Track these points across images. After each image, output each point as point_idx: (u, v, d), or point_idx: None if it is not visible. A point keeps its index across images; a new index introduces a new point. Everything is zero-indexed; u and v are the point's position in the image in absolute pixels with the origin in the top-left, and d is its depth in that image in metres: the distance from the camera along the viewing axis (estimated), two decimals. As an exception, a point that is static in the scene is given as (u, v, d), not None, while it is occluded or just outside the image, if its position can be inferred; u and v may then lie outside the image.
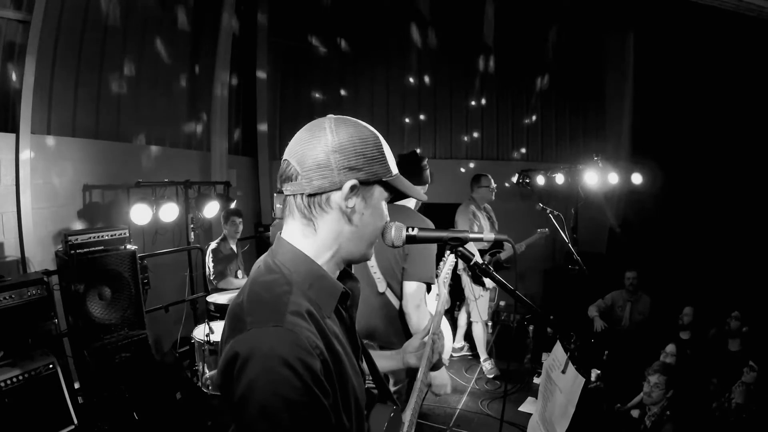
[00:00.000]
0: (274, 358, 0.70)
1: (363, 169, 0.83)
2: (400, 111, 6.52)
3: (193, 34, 4.90)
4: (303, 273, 0.83)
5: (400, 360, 1.36)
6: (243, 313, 0.77)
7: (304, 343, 0.72)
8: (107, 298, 3.00)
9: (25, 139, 3.26)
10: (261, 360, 0.70)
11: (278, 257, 0.85)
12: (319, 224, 0.85)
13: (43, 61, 3.36)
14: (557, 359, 2.18)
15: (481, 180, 4.24)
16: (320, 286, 0.84)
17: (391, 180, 0.87)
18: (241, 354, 0.71)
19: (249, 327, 0.74)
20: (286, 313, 0.75)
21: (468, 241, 1.09)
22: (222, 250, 4.14)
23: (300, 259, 0.84)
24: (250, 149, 6.22)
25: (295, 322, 0.75)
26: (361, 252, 0.90)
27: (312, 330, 0.76)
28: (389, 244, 1.01)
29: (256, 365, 0.70)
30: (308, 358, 0.71)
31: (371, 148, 0.84)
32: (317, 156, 0.82)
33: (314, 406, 0.71)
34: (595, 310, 4.39)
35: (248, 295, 0.81)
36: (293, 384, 0.69)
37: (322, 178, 0.82)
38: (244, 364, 0.70)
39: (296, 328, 0.74)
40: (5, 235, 3.21)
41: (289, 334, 0.72)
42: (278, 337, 0.72)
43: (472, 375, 4.09)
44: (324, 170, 0.81)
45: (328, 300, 0.86)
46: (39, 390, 2.47)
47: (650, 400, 2.86)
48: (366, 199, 0.86)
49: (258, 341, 0.72)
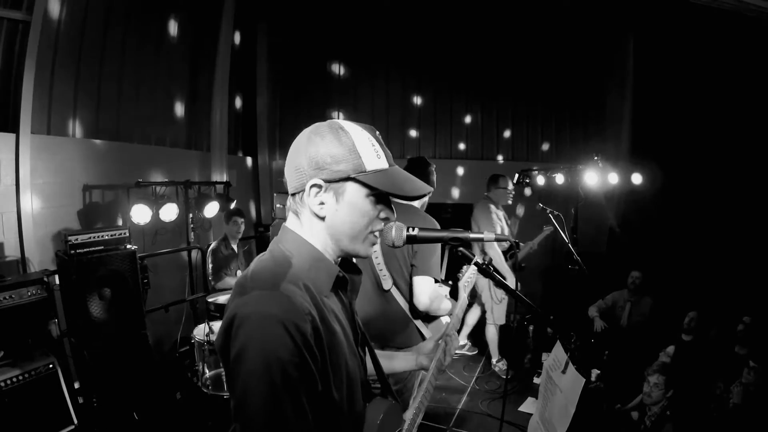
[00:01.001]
0: (268, 318, 0.76)
1: (327, 168, 0.88)
2: (400, 111, 6.51)
3: (193, 33, 4.90)
4: (303, 255, 0.91)
5: (413, 361, 1.37)
6: (246, 282, 0.85)
7: (297, 307, 0.79)
8: (107, 298, 3.00)
9: (25, 139, 3.25)
10: (256, 320, 0.77)
11: (282, 243, 0.94)
12: (302, 219, 0.94)
13: (43, 61, 3.36)
14: (557, 359, 2.18)
15: (498, 180, 4.14)
16: (318, 267, 0.91)
17: (362, 176, 0.88)
18: (239, 314, 0.78)
19: (248, 291, 0.82)
20: (283, 281, 0.83)
21: (468, 241, 1.09)
22: (222, 250, 4.14)
23: (301, 244, 0.92)
24: (250, 149, 6.22)
25: (291, 289, 0.82)
26: (347, 246, 0.94)
27: (306, 299, 0.83)
28: (389, 244, 1.01)
29: (252, 324, 0.76)
30: (300, 321, 0.77)
31: (340, 149, 0.88)
32: (295, 161, 0.91)
33: (303, 366, 0.77)
34: (595, 310, 4.39)
35: (252, 269, 0.90)
36: (285, 343, 0.75)
37: (297, 180, 0.91)
38: (241, 323, 0.77)
39: (291, 294, 0.81)
40: (5, 235, 3.21)
41: (283, 297, 0.80)
42: (273, 300, 0.79)
43: (472, 375, 4.09)
44: (298, 172, 0.90)
45: (326, 280, 0.92)
46: (39, 390, 2.46)
47: (650, 400, 2.86)
48: (337, 196, 0.89)
49: (255, 303, 0.79)
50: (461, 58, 6.33)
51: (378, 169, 0.90)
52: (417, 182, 0.95)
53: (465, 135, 6.60)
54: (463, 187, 6.51)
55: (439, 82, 6.42)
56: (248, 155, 6.19)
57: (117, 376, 2.99)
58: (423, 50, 6.27)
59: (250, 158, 6.24)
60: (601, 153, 5.17)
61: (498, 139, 6.65)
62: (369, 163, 0.89)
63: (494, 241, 1.10)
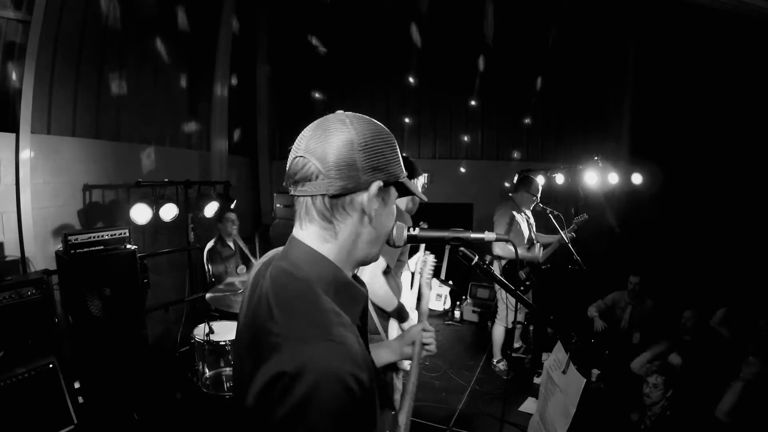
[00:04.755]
0: (328, 374, 0.64)
1: (385, 170, 0.80)
2: (399, 111, 6.52)
3: (193, 33, 4.89)
4: (328, 279, 0.78)
5: (398, 350, 1.38)
6: (274, 326, 0.71)
7: (355, 356, 0.68)
8: (107, 298, 3.00)
9: (25, 139, 3.25)
10: (314, 376, 0.64)
11: (297, 262, 0.79)
12: (341, 226, 0.80)
13: (43, 61, 3.36)
14: (558, 359, 2.19)
15: (531, 185, 3.95)
16: (346, 294, 0.80)
17: (405, 181, 0.86)
18: (289, 372, 0.65)
19: (290, 342, 0.68)
20: (332, 325, 0.70)
21: (469, 241, 1.09)
22: (219, 250, 4.10)
23: (324, 265, 0.80)
24: (250, 149, 6.21)
25: (344, 334, 0.70)
26: (374, 254, 0.88)
27: (359, 341, 0.72)
28: (391, 244, 1.01)
29: (309, 382, 0.63)
30: (360, 373, 0.67)
31: (390, 148, 0.82)
32: (341, 154, 0.76)
33: (367, 422, 0.68)
34: (595, 310, 4.38)
35: (277, 304, 0.74)
36: (348, 402, 0.64)
37: (347, 179, 0.76)
38: (294, 381, 0.64)
39: (347, 341, 0.69)
40: (5, 235, 3.21)
41: (340, 348, 0.68)
42: (330, 352, 0.67)
43: (472, 375, 4.09)
44: (349, 170, 0.76)
45: (355, 308, 0.82)
46: (39, 389, 2.46)
47: (650, 401, 2.86)
48: (385, 200, 0.84)
49: (308, 357, 0.65)
50: (461, 58, 6.34)
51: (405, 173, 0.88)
52: None
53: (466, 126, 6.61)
54: (462, 187, 6.52)
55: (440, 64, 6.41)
56: (248, 155, 6.19)
57: (117, 375, 2.99)
58: (422, 35, 6.27)
59: (250, 158, 6.24)
60: (601, 153, 5.18)
61: (499, 139, 6.66)
62: (404, 167, 0.87)
63: (495, 241, 1.10)
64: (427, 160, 6.61)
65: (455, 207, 6.39)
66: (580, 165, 5.11)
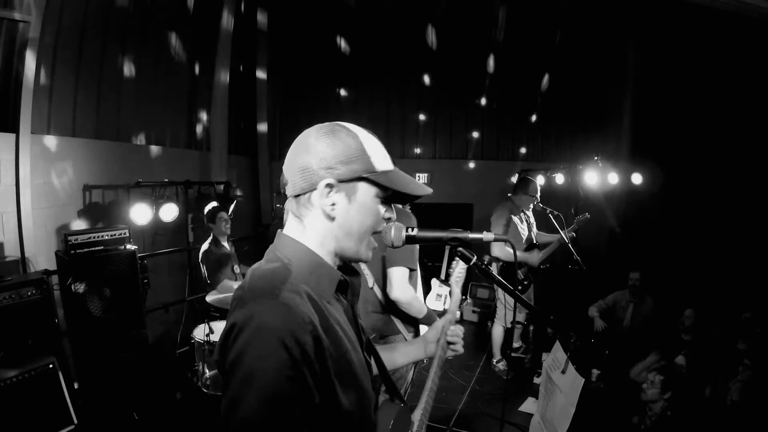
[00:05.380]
0: (264, 329, 0.74)
1: (339, 168, 0.87)
2: (399, 111, 6.52)
3: (192, 33, 4.90)
4: (303, 261, 0.88)
5: (422, 350, 1.40)
6: (244, 294, 0.82)
7: (296, 317, 0.76)
8: (107, 298, 3.00)
9: (25, 139, 3.25)
10: (253, 330, 0.74)
11: (279, 249, 0.91)
12: (306, 222, 0.91)
13: (43, 61, 3.36)
14: (557, 359, 2.19)
15: (529, 187, 3.95)
16: (319, 273, 0.89)
17: (374, 176, 0.89)
18: (237, 324, 0.76)
19: (247, 301, 0.79)
20: (283, 289, 0.80)
21: (468, 241, 1.08)
22: (214, 251, 3.98)
23: (300, 250, 0.90)
24: (250, 149, 6.21)
25: (291, 297, 0.79)
26: (351, 249, 0.93)
27: (308, 307, 0.80)
28: (389, 245, 1.01)
29: (248, 334, 0.74)
30: (299, 332, 0.75)
31: (351, 149, 0.88)
32: (300, 162, 0.89)
33: (298, 380, 0.74)
34: (595, 310, 4.38)
35: (249, 280, 0.85)
36: (280, 356, 0.72)
37: (303, 181, 0.88)
38: (238, 333, 0.75)
39: (290, 302, 0.78)
40: (5, 235, 3.21)
41: (282, 307, 0.76)
42: (272, 310, 0.76)
43: (472, 375, 4.09)
44: (305, 173, 0.88)
45: (328, 286, 0.90)
46: (39, 390, 2.47)
47: (646, 397, 2.86)
48: (349, 196, 0.89)
49: (253, 313, 0.76)
50: (464, 58, 6.34)
51: (386, 169, 0.91)
52: (419, 183, 0.96)
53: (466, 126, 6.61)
54: (462, 187, 6.52)
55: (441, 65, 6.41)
56: (248, 155, 6.19)
57: (117, 375, 2.99)
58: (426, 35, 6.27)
59: (250, 158, 6.24)
60: (601, 153, 5.18)
61: (499, 139, 6.66)
62: (378, 164, 0.90)
63: (493, 241, 1.10)
64: (427, 160, 6.62)
65: (455, 207, 6.39)
66: (580, 165, 5.11)
